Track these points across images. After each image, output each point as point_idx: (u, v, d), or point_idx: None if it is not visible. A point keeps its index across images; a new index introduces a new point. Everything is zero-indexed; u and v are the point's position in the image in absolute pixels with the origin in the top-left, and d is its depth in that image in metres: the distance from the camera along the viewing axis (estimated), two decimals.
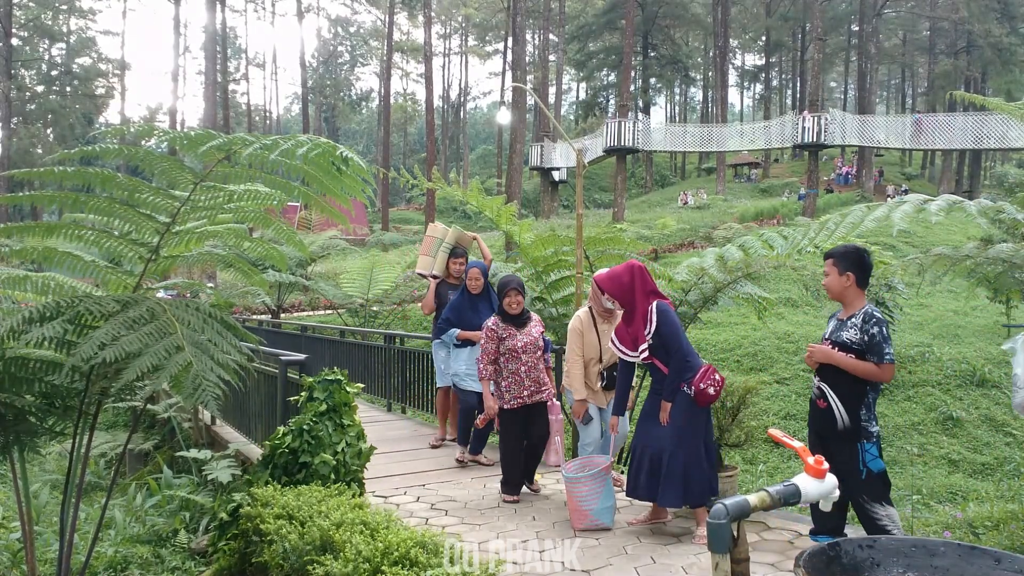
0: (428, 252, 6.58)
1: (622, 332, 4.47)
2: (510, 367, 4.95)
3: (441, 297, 6.49)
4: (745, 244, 6.61)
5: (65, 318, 3.05)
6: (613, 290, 4.48)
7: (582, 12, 52.40)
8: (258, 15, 68.21)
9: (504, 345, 4.96)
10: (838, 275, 3.68)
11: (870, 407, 3.62)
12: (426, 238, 6.70)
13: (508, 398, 4.96)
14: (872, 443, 3.59)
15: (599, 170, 45.58)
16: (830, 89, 61.32)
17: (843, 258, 3.68)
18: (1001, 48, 37.97)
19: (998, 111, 6.65)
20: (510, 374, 4.95)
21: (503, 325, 5.00)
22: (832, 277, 3.70)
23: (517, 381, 4.94)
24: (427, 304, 6.64)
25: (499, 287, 5.11)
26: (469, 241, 6.74)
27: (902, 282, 11.94)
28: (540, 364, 5.02)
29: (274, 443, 4.18)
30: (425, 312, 6.75)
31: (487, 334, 5.02)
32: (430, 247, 6.57)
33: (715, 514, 1.60)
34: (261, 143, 3.08)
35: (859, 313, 3.62)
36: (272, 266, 10.73)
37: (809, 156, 29.33)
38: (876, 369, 3.54)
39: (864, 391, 3.60)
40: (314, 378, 4.37)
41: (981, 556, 1.53)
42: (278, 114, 61.43)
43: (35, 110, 44.56)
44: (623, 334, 4.45)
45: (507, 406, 4.98)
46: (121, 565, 4.75)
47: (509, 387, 4.95)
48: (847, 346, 3.59)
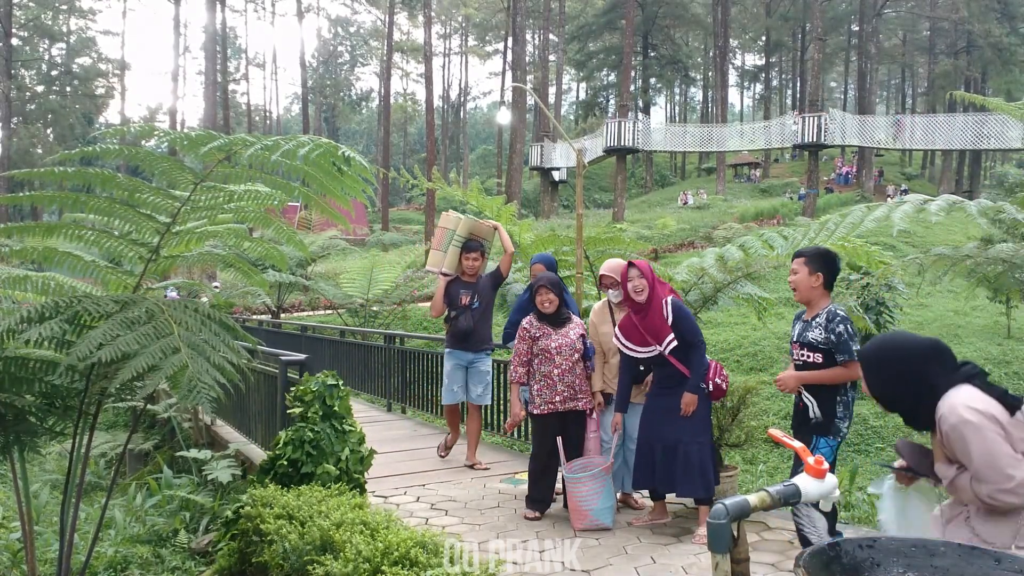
0: (439, 246, 5.79)
1: (629, 327, 4.31)
2: (542, 369, 4.58)
3: (452, 297, 5.81)
4: (745, 244, 6.60)
5: (64, 318, 3.05)
6: (647, 273, 4.28)
7: (582, 12, 52.41)
8: (258, 15, 68.21)
9: (537, 345, 4.60)
10: (808, 274, 3.65)
11: (848, 404, 3.60)
12: (437, 230, 5.89)
13: (539, 402, 4.59)
14: (830, 439, 3.56)
15: (599, 170, 45.56)
16: (830, 89, 61.32)
17: (815, 258, 3.67)
18: (1001, 48, 37.98)
19: (998, 111, 6.65)
20: (542, 376, 4.58)
21: (537, 324, 4.63)
22: (801, 276, 3.67)
23: (549, 385, 4.55)
24: (436, 306, 5.91)
25: (531, 285, 4.79)
26: (488, 231, 5.92)
27: (902, 282, 11.92)
28: (577, 369, 4.59)
29: (274, 453, 4.14)
30: (434, 314, 6.03)
31: (520, 333, 4.69)
32: (441, 240, 5.77)
33: (715, 514, 1.60)
34: (262, 144, 3.08)
35: (823, 312, 3.61)
36: (272, 266, 10.74)
37: (809, 156, 29.35)
38: (843, 370, 3.53)
39: (838, 388, 3.58)
40: (305, 385, 4.25)
41: (981, 556, 1.53)
42: (278, 114, 61.45)
43: (35, 110, 44.59)
44: (630, 329, 4.30)
45: (537, 411, 4.60)
46: (121, 565, 4.75)
47: (540, 391, 4.58)
48: (813, 346, 3.59)
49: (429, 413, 8.07)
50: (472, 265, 5.78)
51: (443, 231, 5.77)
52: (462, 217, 5.86)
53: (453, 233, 5.73)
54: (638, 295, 4.27)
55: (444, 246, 5.74)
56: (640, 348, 4.28)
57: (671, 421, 4.20)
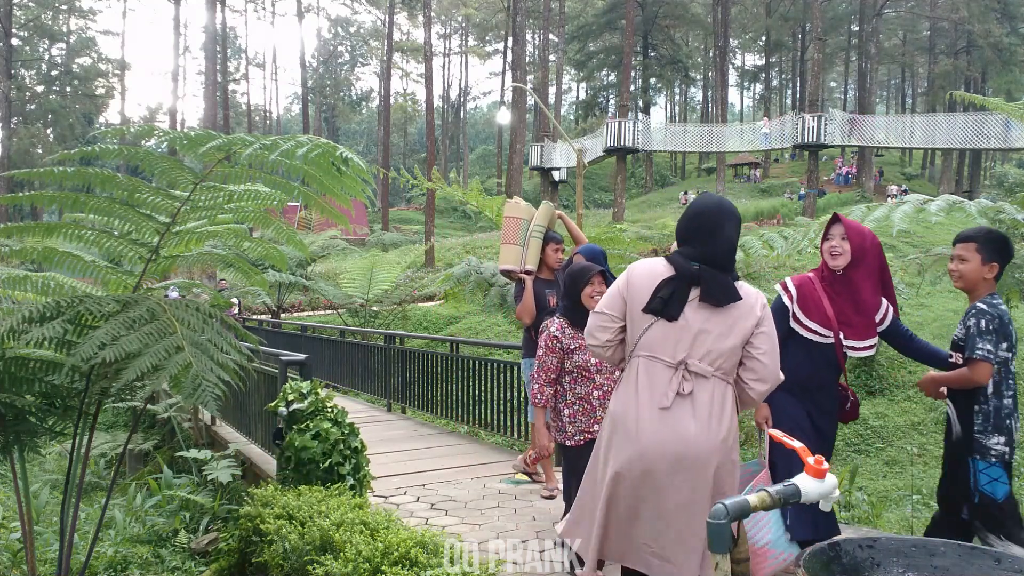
0: (513, 240, 4.81)
1: (849, 312, 3.22)
2: (578, 390, 3.60)
3: (541, 298, 4.79)
4: (745, 244, 6.61)
5: (65, 318, 3.05)
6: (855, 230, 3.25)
7: (582, 12, 52.42)
8: (258, 15, 68.34)
9: (572, 361, 3.59)
10: (981, 263, 3.02)
11: (990, 416, 2.98)
12: (506, 221, 4.88)
13: (572, 431, 3.60)
14: (989, 462, 2.97)
15: (599, 170, 45.59)
16: (830, 89, 61.32)
17: (989, 244, 3.02)
18: (1001, 48, 38.00)
19: (998, 111, 6.65)
20: (577, 399, 3.59)
21: (571, 332, 3.59)
22: (972, 265, 3.03)
23: (586, 410, 3.58)
24: (527, 309, 4.75)
25: (575, 275, 3.62)
26: (556, 220, 5.06)
27: (902, 282, 11.92)
28: None
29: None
30: (526, 321, 4.85)
31: (546, 343, 3.62)
32: (515, 233, 4.80)
33: (715, 514, 1.60)
34: (261, 143, 3.09)
35: (973, 304, 3.04)
36: (272, 266, 10.73)
37: (809, 156, 29.36)
38: (966, 372, 2.98)
39: (975, 395, 3.01)
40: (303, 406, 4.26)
41: (981, 556, 1.53)
42: (278, 114, 61.48)
43: (35, 110, 44.62)
44: (851, 315, 3.22)
45: (570, 442, 3.61)
46: (121, 565, 4.74)
47: (574, 416, 3.59)
48: (956, 344, 3.11)
49: (429, 413, 8.07)
50: (559, 259, 4.91)
51: (515, 222, 4.83)
52: (528, 205, 4.94)
53: (528, 223, 4.83)
54: (837, 258, 3.23)
55: (520, 239, 4.80)
56: (867, 342, 3.27)
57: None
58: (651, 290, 2.44)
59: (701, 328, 2.38)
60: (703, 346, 2.38)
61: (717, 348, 2.38)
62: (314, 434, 4.14)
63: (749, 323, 2.39)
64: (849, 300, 3.21)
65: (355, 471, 4.25)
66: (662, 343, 2.42)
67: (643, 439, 2.38)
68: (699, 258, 2.43)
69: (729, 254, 2.45)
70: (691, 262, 2.43)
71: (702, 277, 2.40)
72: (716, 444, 2.34)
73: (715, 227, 2.44)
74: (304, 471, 4.12)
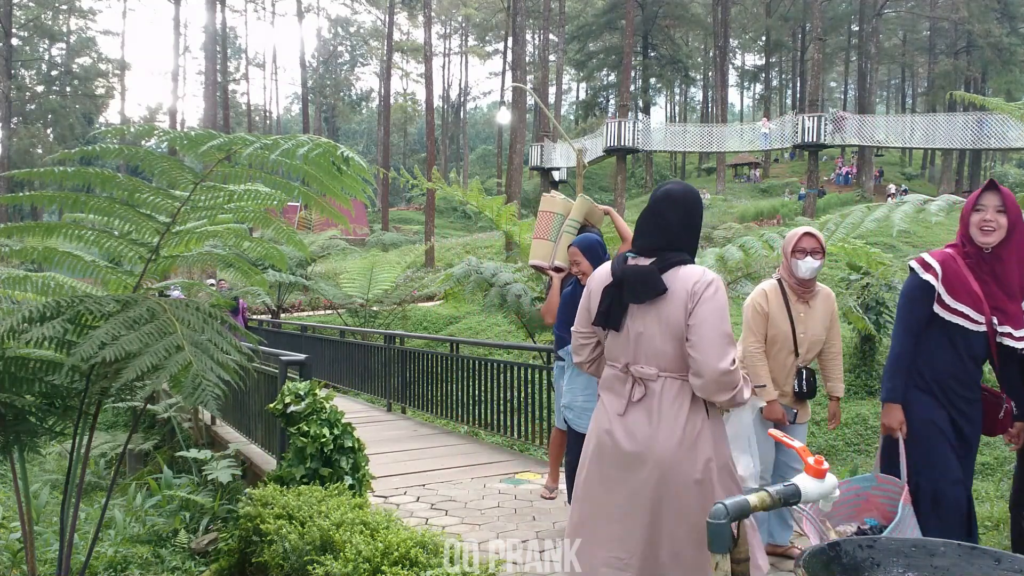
0: (545, 235, 4.51)
1: (1000, 296, 2.77)
2: None
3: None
4: (745, 244, 6.61)
5: (65, 318, 3.05)
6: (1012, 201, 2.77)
7: (582, 12, 52.42)
8: (258, 15, 68.33)
9: None
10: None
11: None
12: (541, 215, 4.60)
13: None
14: None
15: (599, 170, 45.58)
16: (830, 89, 61.32)
17: None
18: (1001, 48, 38.01)
19: (998, 111, 6.65)
20: None
21: None
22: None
23: None
24: (550, 309, 4.56)
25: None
26: (600, 217, 4.59)
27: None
28: None
29: None
30: (548, 321, 4.67)
31: None
32: (548, 228, 4.51)
33: (715, 514, 1.60)
34: (261, 143, 3.08)
35: None
36: (272, 266, 10.74)
37: (809, 156, 29.36)
38: None
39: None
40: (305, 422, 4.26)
41: (981, 556, 1.53)
42: (278, 114, 61.47)
43: (35, 110, 44.62)
44: (1003, 300, 2.77)
45: None
46: (121, 565, 4.74)
47: None
48: None
49: (429, 413, 8.08)
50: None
51: (549, 216, 4.52)
52: (569, 200, 4.61)
53: (563, 218, 4.49)
54: (989, 235, 2.75)
55: (553, 234, 4.50)
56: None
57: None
58: None
59: (639, 331, 2.36)
60: (646, 348, 2.35)
61: (657, 348, 2.33)
62: (310, 436, 4.16)
63: (678, 314, 2.29)
64: (996, 283, 2.72)
65: (354, 470, 4.25)
66: (613, 351, 2.44)
67: (606, 447, 2.41)
68: (647, 248, 2.39)
69: (676, 239, 2.37)
70: (627, 255, 2.43)
71: (624, 278, 2.37)
72: (672, 446, 2.28)
73: (654, 214, 2.41)
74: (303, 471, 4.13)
